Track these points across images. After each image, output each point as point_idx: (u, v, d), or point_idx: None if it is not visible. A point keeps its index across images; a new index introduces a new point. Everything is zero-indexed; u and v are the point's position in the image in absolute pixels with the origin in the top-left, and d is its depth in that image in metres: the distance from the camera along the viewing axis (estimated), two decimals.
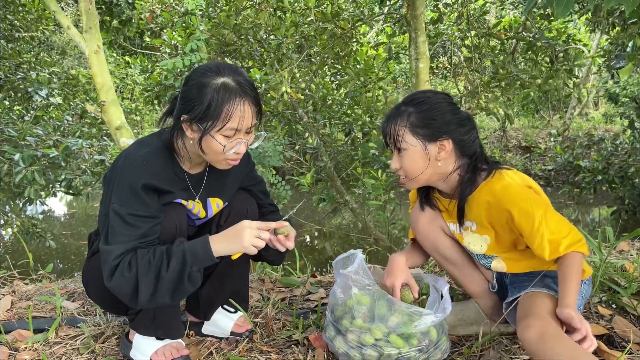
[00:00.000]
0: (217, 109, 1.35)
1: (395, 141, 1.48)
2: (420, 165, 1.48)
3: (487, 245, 1.56)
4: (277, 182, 4.75)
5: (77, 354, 1.65)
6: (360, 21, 4.99)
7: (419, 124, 1.46)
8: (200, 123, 1.37)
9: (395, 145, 1.50)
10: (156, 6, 6.08)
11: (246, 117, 1.38)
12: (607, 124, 13.24)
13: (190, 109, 1.38)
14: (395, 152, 1.51)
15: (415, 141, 1.46)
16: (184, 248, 1.38)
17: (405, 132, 1.47)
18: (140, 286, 1.33)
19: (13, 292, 2.27)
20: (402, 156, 1.49)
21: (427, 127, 1.46)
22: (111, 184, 1.41)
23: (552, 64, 4.81)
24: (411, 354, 1.42)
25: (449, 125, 1.46)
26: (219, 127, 1.37)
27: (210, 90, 1.35)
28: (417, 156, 1.47)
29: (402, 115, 1.48)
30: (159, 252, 1.36)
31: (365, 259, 1.58)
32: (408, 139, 1.47)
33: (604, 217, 8.17)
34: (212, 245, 1.39)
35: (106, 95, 4.68)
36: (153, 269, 1.33)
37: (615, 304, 1.83)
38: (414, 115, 1.46)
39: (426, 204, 1.65)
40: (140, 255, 1.34)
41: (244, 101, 1.37)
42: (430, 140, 1.46)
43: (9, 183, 4.50)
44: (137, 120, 15.52)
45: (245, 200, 1.70)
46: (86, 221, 9.33)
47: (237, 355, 1.61)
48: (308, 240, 7.79)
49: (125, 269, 1.33)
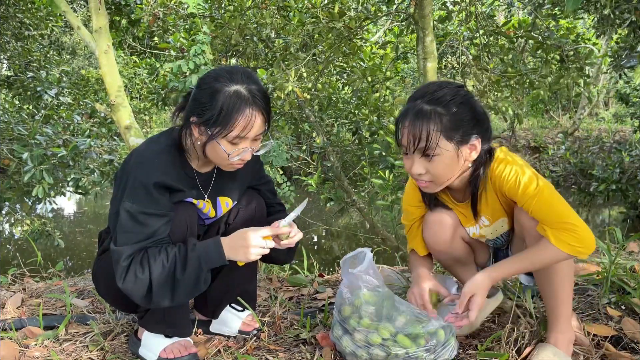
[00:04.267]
0: (226, 116, 1.36)
1: (427, 147, 1.34)
2: (454, 170, 1.39)
3: (506, 224, 1.58)
4: (283, 182, 4.76)
5: (86, 351, 1.66)
6: (367, 19, 4.98)
7: (452, 127, 1.34)
8: (208, 127, 1.39)
9: (425, 151, 1.35)
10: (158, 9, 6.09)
11: (254, 126, 1.39)
12: (618, 124, 13.12)
13: (200, 113, 1.39)
14: (420, 156, 1.37)
15: (449, 146, 1.34)
16: (198, 250, 1.40)
17: (440, 137, 1.33)
18: (155, 288, 1.34)
19: (23, 290, 2.30)
20: (433, 161, 1.36)
21: (459, 130, 1.35)
22: (122, 182, 1.42)
23: (562, 63, 4.77)
24: (419, 353, 1.42)
25: (477, 124, 1.38)
26: (226, 134, 1.38)
27: (222, 97, 1.36)
28: (450, 161, 1.36)
29: (432, 117, 1.33)
30: (172, 254, 1.37)
31: (373, 258, 1.58)
32: (443, 144, 1.34)
33: (614, 218, 8.10)
34: (223, 249, 1.42)
35: (115, 95, 4.70)
36: (167, 271, 1.35)
37: (625, 305, 1.81)
38: (446, 118, 1.33)
39: (436, 205, 1.63)
40: (152, 255, 1.35)
41: (254, 110, 1.38)
42: (463, 143, 1.36)
43: (18, 182, 4.53)
44: (146, 120, 15.59)
45: (253, 200, 1.71)
46: (96, 219, 9.39)
47: (244, 354, 1.62)
48: (315, 239, 7.79)
49: (138, 270, 1.34)
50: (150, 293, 1.35)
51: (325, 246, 7.67)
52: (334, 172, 5.44)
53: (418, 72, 4.67)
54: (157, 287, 1.34)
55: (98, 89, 10.55)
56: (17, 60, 7.09)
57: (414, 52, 5.70)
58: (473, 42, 5.38)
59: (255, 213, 1.70)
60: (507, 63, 5.00)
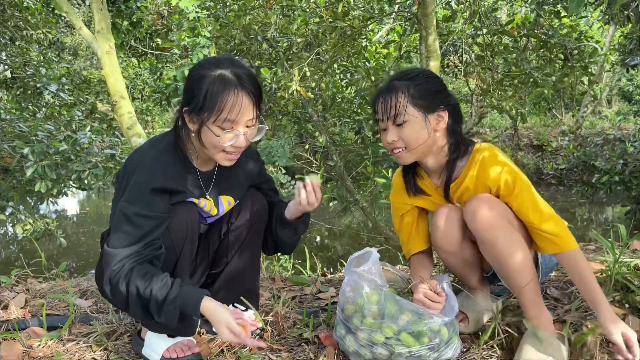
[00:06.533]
0: (212, 99, 1.36)
1: (396, 114, 1.51)
2: (422, 136, 1.52)
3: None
4: (286, 181, 4.76)
5: (90, 352, 1.66)
6: (371, 19, 4.97)
7: (418, 96, 1.51)
8: (198, 114, 1.39)
9: (395, 119, 1.52)
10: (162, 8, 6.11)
11: (242, 108, 1.38)
12: (622, 122, 13.08)
13: (189, 101, 1.40)
14: (392, 125, 1.54)
15: (416, 113, 1.51)
16: (179, 294, 1.34)
17: (406, 104, 1.50)
18: (131, 306, 1.37)
19: (27, 290, 2.30)
20: (403, 128, 1.52)
21: (426, 99, 1.52)
22: (122, 182, 1.43)
23: (565, 61, 4.75)
24: (422, 352, 1.41)
25: (445, 97, 1.55)
26: (214, 118, 1.37)
27: (207, 81, 1.37)
28: (419, 127, 1.51)
29: (400, 88, 1.52)
30: (157, 286, 1.33)
31: (379, 258, 1.58)
32: (410, 110, 1.51)
33: (618, 216, 8.07)
34: (202, 306, 1.35)
35: (118, 96, 4.71)
36: (144, 300, 1.34)
37: (629, 303, 1.81)
38: (413, 88, 1.51)
39: (415, 190, 1.69)
40: (136, 275, 1.34)
41: (240, 92, 1.37)
42: (429, 111, 1.52)
43: (20, 180, 4.54)
44: (148, 121, 15.62)
45: (256, 199, 1.71)
46: (99, 220, 9.42)
47: (247, 353, 1.62)
48: (318, 239, 7.79)
49: (121, 282, 1.34)
50: (127, 307, 1.38)
51: (328, 245, 7.67)
52: (337, 172, 5.44)
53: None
54: (132, 307, 1.36)
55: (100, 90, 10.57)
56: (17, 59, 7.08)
57: (417, 52, 5.69)
58: (476, 41, 5.37)
59: (257, 213, 1.70)
60: (511, 62, 4.99)
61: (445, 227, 1.61)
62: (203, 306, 1.35)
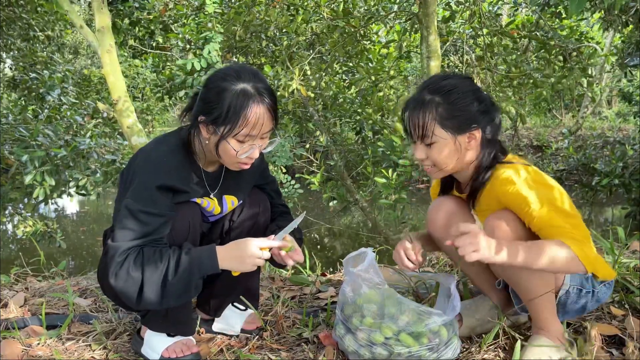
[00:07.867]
0: (234, 114, 1.36)
1: (423, 135, 1.42)
2: (451, 156, 1.44)
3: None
4: (286, 181, 4.76)
5: (89, 350, 1.66)
6: (372, 18, 4.97)
7: (448, 116, 1.40)
8: (216, 126, 1.39)
9: (423, 139, 1.43)
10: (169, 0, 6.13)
11: (262, 123, 1.40)
12: (621, 123, 13.07)
13: (208, 112, 1.40)
14: (420, 144, 1.46)
15: (445, 134, 1.41)
16: (192, 256, 1.38)
17: (434, 125, 1.41)
18: (146, 288, 1.33)
19: (26, 289, 2.30)
20: (432, 148, 1.43)
21: (456, 119, 1.41)
22: (127, 180, 1.43)
23: (565, 63, 4.76)
24: (421, 352, 1.41)
25: (478, 115, 1.43)
26: (235, 133, 1.38)
27: (229, 95, 1.37)
28: (448, 148, 1.42)
29: (429, 106, 1.41)
30: (166, 256, 1.36)
31: (375, 257, 1.58)
32: (438, 132, 1.41)
33: (617, 217, 8.07)
34: (218, 257, 1.41)
35: (118, 94, 4.70)
36: (160, 273, 1.34)
37: (629, 304, 1.81)
38: (442, 107, 1.40)
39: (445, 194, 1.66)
40: (147, 255, 1.34)
41: (261, 108, 1.38)
42: (460, 132, 1.42)
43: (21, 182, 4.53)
44: (148, 120, 15.62)
45: (258, 199, 1.72)
46: (99, 219, 9.41)
47: (247, 353, 1.62)
48: (318, 239, 7.79)
49: (131, 268, 1.32)
50: (141, 293, 1.34)
51: (327, 245, 7.66)
52: (337, 171, 5.44)
53: (421, 71, 4.65)
54: (148, 287, 1.33)
55: (100, 88, 10.58)
56: (21, 62, 7.09)
57: (418, 51, 5.69)
58: (476, 41, 5.37)
59: (260, 212, 1.70)
60: (511, 63, 4.99)
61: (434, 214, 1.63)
62: (219, 258, 1.40)
